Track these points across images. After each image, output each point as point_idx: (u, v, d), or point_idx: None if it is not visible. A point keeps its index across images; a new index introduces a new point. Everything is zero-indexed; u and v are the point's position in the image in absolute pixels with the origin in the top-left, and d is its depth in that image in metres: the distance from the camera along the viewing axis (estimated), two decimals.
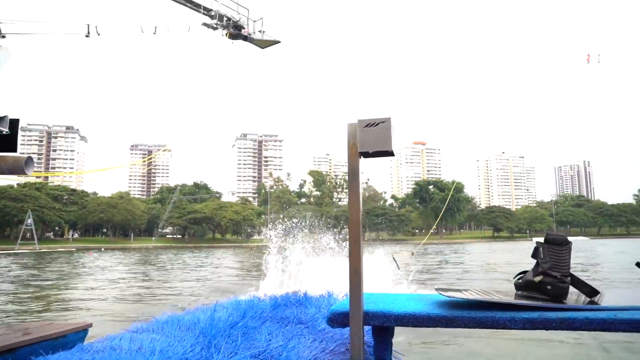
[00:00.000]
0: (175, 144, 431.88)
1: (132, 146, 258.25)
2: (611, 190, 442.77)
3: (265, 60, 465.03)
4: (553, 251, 2.23)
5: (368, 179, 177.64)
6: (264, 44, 18.43)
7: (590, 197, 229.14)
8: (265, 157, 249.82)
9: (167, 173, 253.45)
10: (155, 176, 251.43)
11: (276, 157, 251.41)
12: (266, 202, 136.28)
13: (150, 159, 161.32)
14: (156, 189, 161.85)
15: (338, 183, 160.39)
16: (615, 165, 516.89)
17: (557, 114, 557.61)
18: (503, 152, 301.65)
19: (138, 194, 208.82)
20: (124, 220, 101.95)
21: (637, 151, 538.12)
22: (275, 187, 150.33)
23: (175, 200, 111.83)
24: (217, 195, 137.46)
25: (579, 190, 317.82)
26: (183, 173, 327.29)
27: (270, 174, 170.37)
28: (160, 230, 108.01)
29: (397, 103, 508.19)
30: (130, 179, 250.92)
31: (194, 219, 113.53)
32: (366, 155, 2.37)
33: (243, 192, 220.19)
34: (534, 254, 2.27)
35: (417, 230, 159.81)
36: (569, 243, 2.22)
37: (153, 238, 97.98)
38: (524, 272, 2.36)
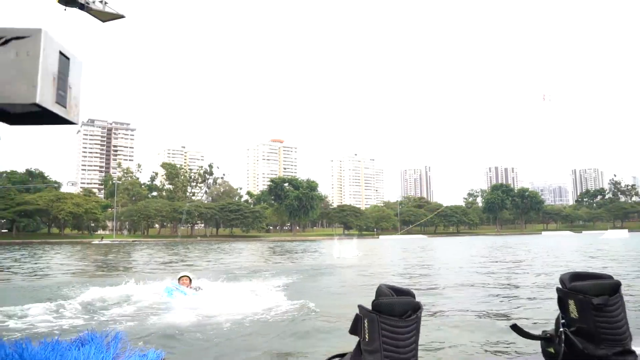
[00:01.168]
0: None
1: None
2: (446, 193, 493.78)
3: (121, 41, 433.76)
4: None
5: (224, 174, 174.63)
6: (105, 16, 16.20)
7: (429, 199, 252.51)
8: (115, 146, 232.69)
9: None
10: None
11: (127, 147, 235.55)
12: (113, 194, 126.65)
13: None
14: None
15: (192, 177, 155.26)
16: (451, 170, 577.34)
17: (405, 120, 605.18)
18: (355, 154, 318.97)
19: None
20: None
21: (468, 159, 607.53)
22: (124, 178, 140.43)
23: (0, 189, 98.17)
24: (55, 185, 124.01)
25: (420, 192, 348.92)
26: (14, 158, 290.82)
27: (119, 164, 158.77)
28: None
29: (256, 99, 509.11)
30: None
31: (24, 211, 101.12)
32: None
33: (87, 183, 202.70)
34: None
35: (271, 227, 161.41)
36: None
37: None
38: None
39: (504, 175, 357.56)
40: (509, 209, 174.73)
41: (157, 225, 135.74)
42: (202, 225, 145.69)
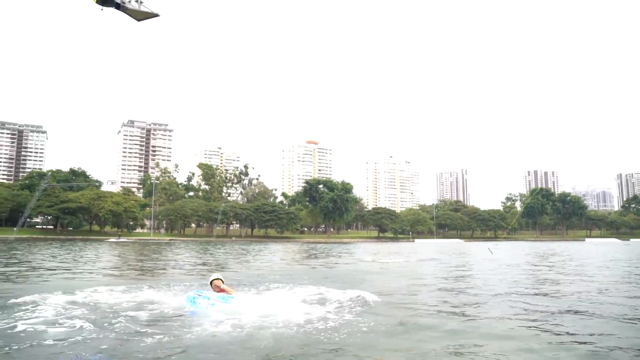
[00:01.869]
0: (52, 125, 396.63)
1: None
2: (483, 197, 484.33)
3: (160, 42, 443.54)
4: None
5: (259, 175, 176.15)
6: (140, 15, 16.13)
7: (466, 203, 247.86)
8: (154, 146, 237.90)
9: (41, 157, 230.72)
10: (25, 160, 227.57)
11: (165, 147, 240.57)
12: (151, 193, 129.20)
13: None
14: (26, 174, 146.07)
15: (228, 178, 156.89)
16: (488, 174, 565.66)
17: (441, 122, 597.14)
18: (391, 157, 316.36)
19: (3, 179, 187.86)
20: None
21: (506, 162, 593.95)
22: (162, 178, 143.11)
23: (46, 187, 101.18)
24: (97, 184, 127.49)
25: (456, 195, 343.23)
26: (60, 158, 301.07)
27: (157, 164, 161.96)
28: (25, 220, 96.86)
29: (292, 101, 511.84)
30: None
31: (67, 209, 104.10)
32: None
33: (127, 182, 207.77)
34: None
35: (305, 228, 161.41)
36: None
37: (15, 229, 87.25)
38: None
39: (543, 180, 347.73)
40: (549, 214, 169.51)
41: (193, 225, 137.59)
42: (237, 225, 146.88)
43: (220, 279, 10.36)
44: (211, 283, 10.26)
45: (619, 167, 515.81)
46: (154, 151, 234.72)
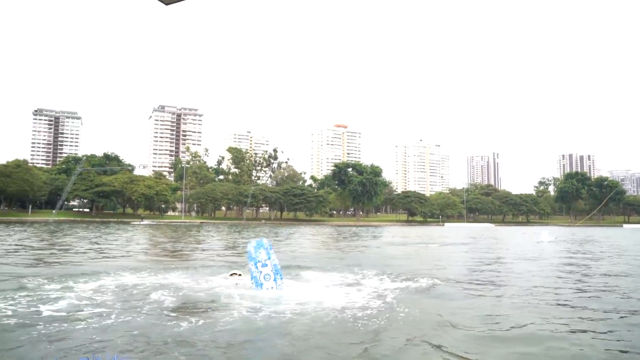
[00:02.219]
0: (87, 111, 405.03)
1: (36, 111, 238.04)
2: (515, 181, 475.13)
3: (188, 27, 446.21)
4: None
5: (288, 159, 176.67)
6: None
7: (497, 187, 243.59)
8: (184, 131, 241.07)
9: (77, 142, 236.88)
10: (62, 145, 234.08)
11: (195, 132, 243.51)
12: (182, 177, 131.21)
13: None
14: (63, 159, 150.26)
15: (257, 161, 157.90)
16: (520, 158, 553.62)
17: (472, 104, 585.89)
18: (421, 140, 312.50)
19: (42, 163, 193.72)
20: (21, 191, 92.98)
21: (539, 146, 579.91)
22: (192, 162, 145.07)
23: (82, 172, 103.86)
24: (129, 168, 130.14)
25: (487, 179, 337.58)
26: (94, 143, 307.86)
27: (188, 149, 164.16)
28: (63, 203, 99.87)
29: (321, 84, 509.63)
30: (33, 147, 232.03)
31: (102, 192, 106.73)
32: None
33: (159, 166, 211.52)
34: None
35: (334, 212, 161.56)
36: None
37: (54, 211, 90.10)
38: None
39: (579, 163, 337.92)
40: (584, 199, 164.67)
41: (223, 208, 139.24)
42: (267, 208, 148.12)
43: (238, 274, 10.28)
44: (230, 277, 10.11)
45: None
46: (185, 135, 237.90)
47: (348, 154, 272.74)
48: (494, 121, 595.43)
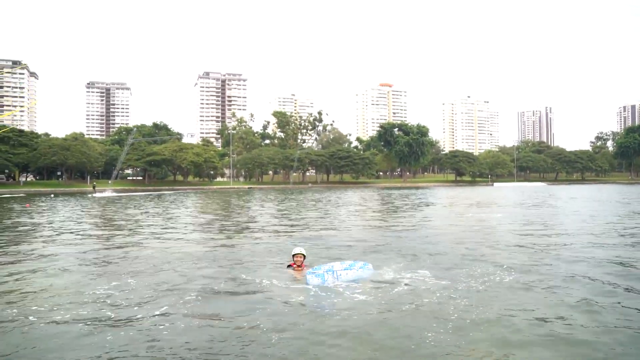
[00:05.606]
0: (135, 82, 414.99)
1: (89, 84, 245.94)
2: (570, 137, 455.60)
3: None
4: None
5: (333, 121, 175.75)
6: None
7: (550, 143, 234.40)
8: (229, 96, 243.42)
9: (127, 113, 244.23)
10: (114, 116, 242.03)
11: (240, 97, 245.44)
12: (229, 143, 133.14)
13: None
14: (115, 130, 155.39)
15: (303, 124, 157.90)
16: (575, 112, 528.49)
17: (522, 56, 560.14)
18: (469, 96, 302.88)
19: (97, 135, 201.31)
20: (79, 163, 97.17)
21: (597, 97, 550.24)
22: (238, 128, 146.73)
23: (133, 142, 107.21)
24: (178, 136, 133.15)
25: (539, 136, 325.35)
26: (143, 113, 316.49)
27: (234, 114, 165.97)
28: (118, 172, 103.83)
29: (365, 43, 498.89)
30: (87, 119, 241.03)
31: (153, 161, 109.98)
32: None
33: (206, 133, 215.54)
34: None
35: (381, 173, 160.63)
36: None
37: (110, 181, 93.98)
38: None
39: None
40: None
41: (270, 172, 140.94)
42: (313, 171, 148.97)
43: (303, 254, 9.55)
44: (294, 257, 9.57)
45: None
46: (230, 101, 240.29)
47: (394, 113, 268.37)
48: (547, 73, 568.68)
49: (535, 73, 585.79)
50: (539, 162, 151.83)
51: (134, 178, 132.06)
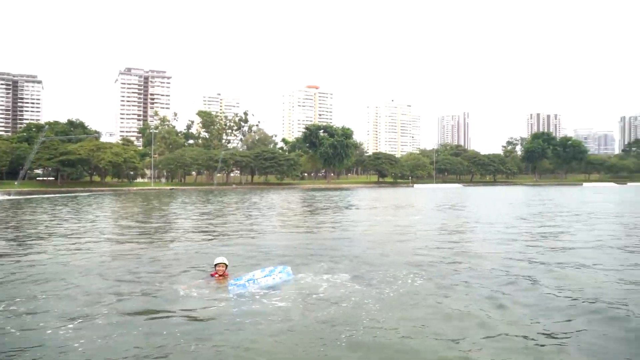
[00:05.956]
0: (48, 75, 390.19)
1: None
2: (484, 141, 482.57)
3: None
4: None
5: (259, 122, 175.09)
6: None
7: (466, 147, 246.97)
8: (152, 94, 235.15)
9: (38, 108, 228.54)
10: (22, 111, 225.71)
11: (163, 95, 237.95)
12: (151, 143, 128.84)
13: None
14: (24, 126, 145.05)
15: (228, 125, 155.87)
16: (490, 118, 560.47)
17: (443, 64, 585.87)
18: (392, 100, 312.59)
19: (2, 131, 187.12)
20: None
21: (509, 105, 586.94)
22: (161, 127, 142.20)
23: (45, 140, 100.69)
24: (96, 135, 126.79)
25: (457, 139, 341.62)
26: (57, 109, 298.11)
27: (156, 113, 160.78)
28: (26, 172, 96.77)
29: (292, 45, 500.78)
30: None
31: (67, 161, 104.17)
32: None
33: (126, 132, 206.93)
34: None
35: (305, 174, 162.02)
36: None
37: (16, 182, 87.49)
38: None
39: (546, 123, 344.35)
40: (549, 158, 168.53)
41: (193, 173, 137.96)
42: (238, 172, 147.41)
43: (225, 263, 9.56)
44: (215, 267, 9.51)
45: (622, 110, 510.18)
46: (152, 99, 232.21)
47: (320, 115, 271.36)
48: (465, 81, 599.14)
49: (455, 80, 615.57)
50: (456, 164, 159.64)
51: (45, 179, 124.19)
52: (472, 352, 5.84)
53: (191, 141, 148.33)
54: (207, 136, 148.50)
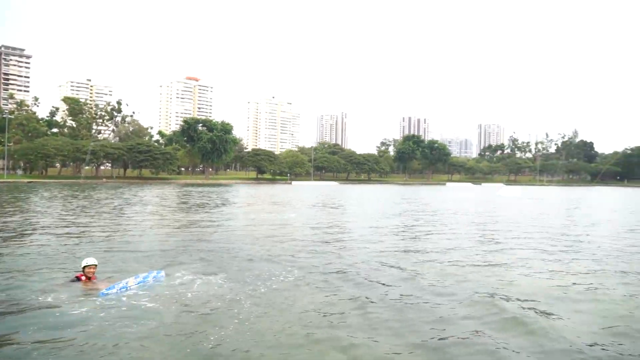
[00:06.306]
0: None
1: None
2: (361, 141, 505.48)
3: None
4: None
5: (133, 112, 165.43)
6: None
7: (343, 146, 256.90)
8: (6, 74, 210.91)
9: None
10: None
11: (21, 76, 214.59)
12: (4, 129, 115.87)
13: None
14: None
15: (99, 114, 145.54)
16: (367, 118, 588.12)
17: (324, 63, 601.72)
18: (273, 97, 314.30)
19: None
20: None
21: (385, 107, 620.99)
22: (17, 112, 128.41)
23: None
24: None
25: (335, 138, 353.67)
26: None
27: (12, 96, 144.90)
28: None
29: (172, 34, 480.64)
30: None
31: None
32: None
33: None
34: None
35: (182, 169, 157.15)
36: None
37: None
38: None
39: (416, 126, 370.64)
40: (418, 159, 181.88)
41: (57, 165, 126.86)
42: (109, 165, 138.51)
43: (94, 264, 9.22)
44: (84, 269, 9.08)
45: (480, 118, 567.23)
46: (7, 80, 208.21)
47: (199, 108, 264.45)
48: (345, 82, 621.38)
49: (335, 80, 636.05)
50: (333, 162, 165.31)
51: None
52: (341, 345, 6.61)
53: (55, 130, 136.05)
54: (75, 125, 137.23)
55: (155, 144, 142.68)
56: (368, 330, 7.29)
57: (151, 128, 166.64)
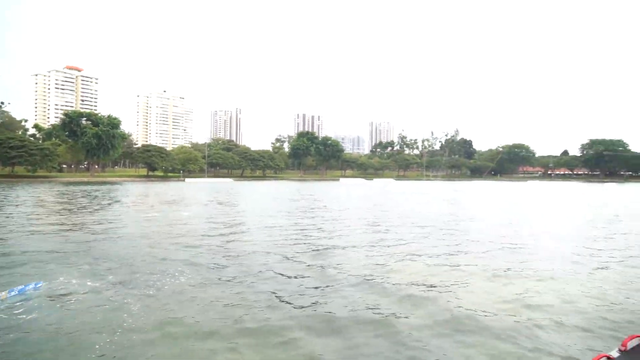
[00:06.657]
0: None
1: None
2: (256, 137, 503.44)
3: None
4: None
5: (3, 103, 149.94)
6: None
7: (238, 142, 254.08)
8: None
9: None
10: None
11: None
12: None
13: None
14: None
15: None
16: (262, 115, 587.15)
17: (218, 57, 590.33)
18: (165, 91, 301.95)
19: None
20: None
21: (279, 104, 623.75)
22: None
23: None
24: None
25: (230, 134, 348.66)
26: None
27: None
28: None
29: (48, 15, 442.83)
30: None
31: None
32: None
33: None
34: None
35: (64, 166, 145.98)
36: None
37: None
38: None
39: (310, 123, 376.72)
40: (312, 155, 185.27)
41: None
42: None
43: None
44: None
45: (371, 116, 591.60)
46: None
47: (82, 101, 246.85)
48: (239, 78, 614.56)
49: (229, 76, 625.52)
50: (228, 159, 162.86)
51: None
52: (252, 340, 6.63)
53: None
54: None
55: (31, 138, 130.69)
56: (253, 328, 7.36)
57: (26, 121, 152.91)
